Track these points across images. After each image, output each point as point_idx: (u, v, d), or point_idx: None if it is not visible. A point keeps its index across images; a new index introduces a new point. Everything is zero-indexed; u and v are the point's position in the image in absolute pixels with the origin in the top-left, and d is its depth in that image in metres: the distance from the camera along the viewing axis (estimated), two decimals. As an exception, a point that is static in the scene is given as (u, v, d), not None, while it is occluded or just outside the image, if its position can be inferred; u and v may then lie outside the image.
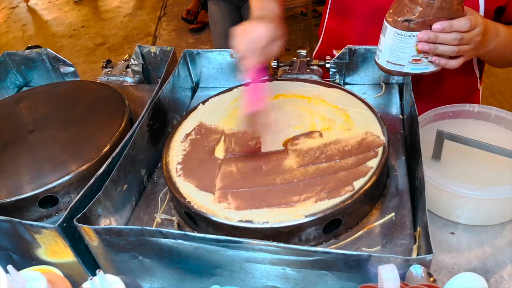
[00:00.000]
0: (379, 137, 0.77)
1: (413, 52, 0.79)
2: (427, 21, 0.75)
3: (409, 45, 0.78)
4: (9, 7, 5.04)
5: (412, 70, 0.81)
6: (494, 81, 2.79)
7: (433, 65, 0.81)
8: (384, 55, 0.82)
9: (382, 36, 0.81)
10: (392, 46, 0.80)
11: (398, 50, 0.79)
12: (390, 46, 0.80)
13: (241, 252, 0.61)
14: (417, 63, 0.80)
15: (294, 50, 3.41)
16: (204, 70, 1.09)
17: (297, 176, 0.72)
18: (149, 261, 0.67)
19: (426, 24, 0.76)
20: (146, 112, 0.85)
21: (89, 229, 0.64)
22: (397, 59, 0.80)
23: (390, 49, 0.80)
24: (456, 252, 0.76)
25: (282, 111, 0.87)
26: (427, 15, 0.75)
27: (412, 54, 0.79)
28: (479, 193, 0.75)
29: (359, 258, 0.56)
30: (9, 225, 0.67)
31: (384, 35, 0.81)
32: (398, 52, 0.79)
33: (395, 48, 0.80)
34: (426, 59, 0.79)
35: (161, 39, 3.98)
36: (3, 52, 1.16)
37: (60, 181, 0.78)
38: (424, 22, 0.76)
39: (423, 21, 0.75)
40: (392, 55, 0.81)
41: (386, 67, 0.83)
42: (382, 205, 0.74)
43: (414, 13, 0.76)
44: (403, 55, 0.79)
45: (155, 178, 0.86)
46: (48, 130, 0.92)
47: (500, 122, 0.92)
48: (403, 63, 0.80)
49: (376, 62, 0.86)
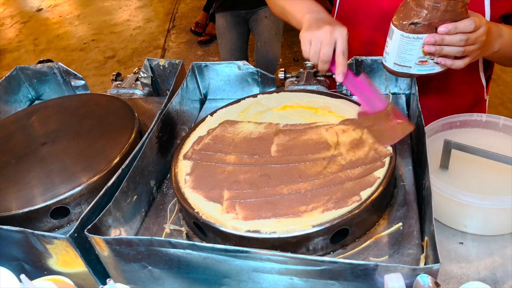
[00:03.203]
0: (386, 147, 0.77)
1: (420, 54, 0.80)
2: (433, 23, 0.77)
3: (416, 47, 0.80)
4: (20, 21, 5.13)
5: (418, 71, 0.83)
6: (504, 90, 2.77)
7: (439, 66, 0.82)
8: (391, 57, 0.84)
9: (389, 39, 0.83)
10: (399, 49, 0.81)
11: (405, 52, 0.81)
12: (397, 48, 0.82)
13: (249, 262, 0.61)
14: (423, 64, 0.82)
15: (302, 61, 3.43)
16: (212, 82, 1.10)
17: (305, 186, 0.73)
18: (158, 271, 0.68)
19: (432, 27, 0.77)
20: (155, 124, 0.86)
21: (99, 239, 0.65)
22: (404, 61, 0.82)
23: (397, 51, 0.82)
24: (465, 262, 0.76)
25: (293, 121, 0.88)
26: (433, 18, 0.77)
27: (418, 56, 0.81)
28: (487, 203, 0.75)
29: (366, 267, 0.56)
30: (21, 235, 0.68)
31: (391, 38, 0.82)
32: (405, 54, 0.81)
33: (402, 50, 0.81)
34: (432, 61, 0.81)
35: (170, 51, 4.03)
36: (16, 67, 1.19)
37: (71, 192, 0.80)
38: (430, 25, 0.77)
39: (429, 24, 0.77)
40: (399, 57, 0.82)
41: (393, 69, 0.85)
42: (390, 215, 0.74)
43: (420, 16, 0.77)
44: (410, 57, 0.81)
45: (164, 189, 0.87)
46: (59, 142, 0.94)
47: (509, 131, 0.91)
48: (409, 64, 0.82)
49: (383, 65, 0.87)
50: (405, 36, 0.80)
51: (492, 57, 0.97)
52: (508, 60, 0.99)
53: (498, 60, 1.01)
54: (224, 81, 1.10)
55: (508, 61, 1.00)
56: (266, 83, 1.07)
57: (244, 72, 1.07)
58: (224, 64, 1.07)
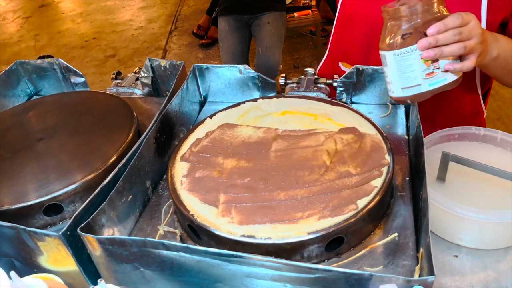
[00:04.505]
0: (384, 157, 0.77)
1: (423, 66, 0.75)
2: (419, 29, 0.74)
3: (415, 61, 0.75)
4: (22, 16, 5.13)
5: (430, 86, 0.77)
6: (502, 105, 2.79)
7: (450, 75, 0.76)
8: (396, 84, 0.78)
9: (385, 68, 0.79)
10: (399, 70, 0.76)
11: (407, 71, 0.76)
12: (397, 71, 0.77)
13: (242, 267, 0.61)
14: (432, 76, 0.76)
15: (302, 68, 3.44)
16: (213, 85, 1.10)
17: (301, 193, 0.72)
18: (150, 273, 0.67)
19: (420, 33, 0.74)
20: (153, 124, 0.86)
21: (92, 238, 0.64)
22: (410, 80, 0.76)
23: (398, 74, 0.77)
24: (459, 275, 0.76)
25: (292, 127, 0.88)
26: (416, 23, 0.74)
27: (422, 69, 0.75)
28: (483, 217, 0.75)
29: (361, 277, 0.56)
30: (13, 231, 0.68)
31: (386, 65, 0.78)
32: (408, 73, 0.76)
33: (402, 71, 0.76)
34: (439, 70, 0.76)
35: (171, 53, 4.03)
36: (16, 61, 1.18)
37: (65, 189, 0.79)
38: (417, 32, 0.74)
39: (415, 31, 0.74)
40: (404, 79, 0.77)
41: (404, 95, 0.78)
42: (386, 225, 0.74)
43: (403, 26, 0.74)
44: (415, 74, 0.76)
45: (160, 190, 0.87)
46: (56, 139, 0.93)
47: (506, 146, 0.92)
48: (418, 82, 0.76)
49: (392, 98, 0.81)
50: (398, 54, 0.75)
51: (494, 67, 0.93)
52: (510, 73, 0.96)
53: (501, 72, 0.96)
54: (224, 84, 1.10)
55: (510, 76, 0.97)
56: (266, 88, 1.07)
57: (245, 76, 1.06)
58: (225, 67, 1.07)
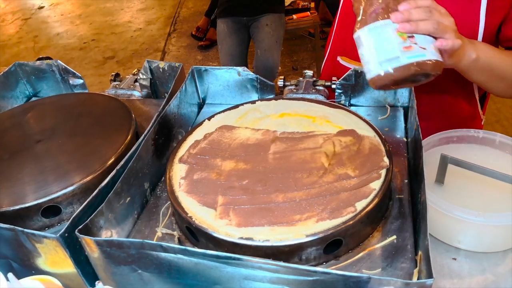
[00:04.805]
0: (383, 159, 0.77)
1: (399, 39, 0.73)
2: (390, 6, 0.74)
3: (391, 33, 0.73)
4: (22, 18, 5.13)
5: (409, 58, 0.72)
6: (501, 107, 2.79)
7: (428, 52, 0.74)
8: (373, 60, 0.75)
9: (361, 49, 0.77)
10: (376, 44, 0.74)
11: (383, 44, 0.74)
12: (374, 45, 0.74)
13: (240, 269, 0.61)
14: (410, 50, 0.73)
15: (301, 70, 3.44)
16: (211, 86, 1.10)
17: (300, 195, 0.72)
18: (148, 275, 0.67)
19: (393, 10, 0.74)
20: (152, 126, 0.86)
21: (90, 240, 0.64)
22: (388, 52, 0.73)
23: (375, 49, 0.74)
24: (457, 278, 0.76)
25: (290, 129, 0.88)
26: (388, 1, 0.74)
27: (399, 42, 0.73)
28: (482, 219, 0.75)
29: (359, 280, 0.56)
30: (11, 233, 0.67)
31: (362, 45, 0.76)
32: (385, 45, 0.74)
33: (379, 44, 0.74)
34: (416, 45, 0.73)
35: (169, 54, 4.03)
36: (15, 62, 1.18)
37: (63, 191, 0.79)
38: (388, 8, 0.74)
39: (387, 7, 0.74)
40: (381, 52, 0.74)
41: (382, 69, 0.74)
42: (384, 228, 0.73)
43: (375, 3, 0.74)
44: (392, 45, 0.73)
45: (158, 192, 0.86)
46: (54, 140, 0.93)
47: (505, 149, 0.92)
48: (396, 54, 0.73)
49: (371, 80, 0.77)
50: (372, 28, 0.74)
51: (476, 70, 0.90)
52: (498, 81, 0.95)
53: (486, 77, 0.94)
54: (223, 86, 1.09)
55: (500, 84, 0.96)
56: (265, 90, 1.07)
57: (244, 78, 1.06)
58: (224, 69, 1.07)
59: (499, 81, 0.95)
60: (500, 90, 0.99)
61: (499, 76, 0.93)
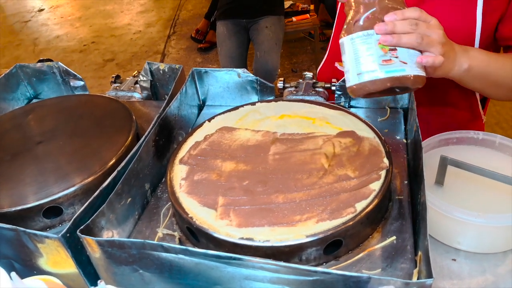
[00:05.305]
0: (382, 161, 0.78)
1: (380, 52, 0.72)
2: (376, 16, 0.73)
3: (372, 45, 0.72)
4: (21, 21, 5.14)
5: (387, 73, 0.72)
6: (500, 110, 2.80)
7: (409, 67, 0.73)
8: (352, 71, 0.74)
9: (343, 56, 0.76)
10: (356, 55, 0.73)
11: (363, 55, 0.73)
12: (354, 56, 0.74)
13: (241, 269, 0.61)
14: (389, 64, 0.72)
15: (300, 72, 3.45)
16: (211, 88, 1.11)
17: (300, 196, 0.73)
18: (149, 275, 0.67)
19: (378, 20, 0.73)
20: (152, 127, 0.86)
21: (91, 240, 0.65)
22: (366, 65, 0.73)
23: (355, 59, 0.74)
24: (457, 279, 0.76)
25: (289, 130, 0.88)
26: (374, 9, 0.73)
27: (379, 55, 0.72)
28: (481, 220, 0.75)
29: (359, 279, 0.56)
30: (13, 233, 0.68)
31: (344, 53, 0.76)
32: (364, 57, 0.73)
33: (359, 55, 0.73)
34: (397, 59, 0.72)
35: (169, 57, 4.04)
36: (15, 64, 1.18)
37: (65, 192, 0.79)
38: (374, 18, 0.73)
39: (373, 17, 0.73)
40: (360, 64, 0.73)
41: (359, 81, 0.74)
42: (384, 228, 0.74)
43: (360, 11, 0.73)
44: (370, 58, 0.72)
45: (159, 193, 0.87)
46: (55, 142, 0.94)
47: (504, 150, 0.92)
48: (374, 67, 0.72)
49: (349, 89, 0.77)
50: (354, 38, 0.73)
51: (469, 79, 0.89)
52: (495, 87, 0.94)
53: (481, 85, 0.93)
54: (223, 88, 1.10)
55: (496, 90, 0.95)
56: (265, 92, 1.07)
57: (244, 80, 1.07)
58: (224, 71, 1.07)
59: (496, 88, 0.95)
60: (498, 95, 0.99)
61: (495, 83, 0.93)
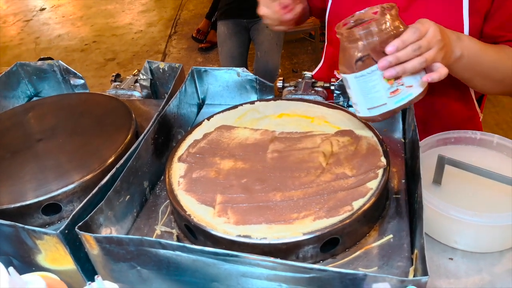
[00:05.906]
0: (380, 159, 0.78)
1: (386, 86, 0.74)
2: (377, 49, 0.72)
3: (378, 81, 0.74)
4: (23, 19, 5.15)
5: (396, 103, 0.76)
6: (500, 111, 2.80)
7: (415, 89, 0.75)
8: (361, 105, 0.78)
9: (348, 90, 0.78)
10: (363, 92, 0.75)
11: (370, 92, 0.75)
12: (361, 93, 0.76)
13: (238, 266, 0.61)
14: (397, 94, 0.74)
15: (301, 73, 3.45)
16: (211, 87, 1.11)
17: (297, 194, 0.73)
18: (147, 272, 0.67)
19: (379, 52, 0.72)
20: (152, 125, 0.87)
21: (90, 237, 0.65)
22: (375, 100, 0.76)
23: (362, 96, 0.76)
24: (454, 278, 0.76)
25: (288, 129, 0.88)
26: (373, 44, 0.72)
27: (386, 88, 0.74)
28: (478, 220, 0.75)
29: (355, 277, 0.56)
30: (12, 230, 0.68)
31: (349, 87, 0.78)
32: (372, 93, 0.75)
33: (366, 92, 0.75)
34: (403, 86, 0.74)
35: (170, 56, 4.04)
36: (16, 62, 1.19)
37: (64, 189, 0.80)
38: (375, 52, 0.72)
39: (373, 52, 0.72)
40: (368, 99, 0.76)
41: (371, 115, 0.78)
42: (381, 227, 0.74)
43: (360, 49, 0.73)
44: (379, 94, 0.75)
45: (157, 191, 0.87)
46: (55, 139, 0.94)
47: (502, 150, 0.92)
48: (383, 101, 0.75)
49: (360, 118, 0.82)
50: (359, 77, 0.74)
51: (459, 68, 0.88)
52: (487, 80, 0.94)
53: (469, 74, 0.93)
54: (222, 87, 1.10)
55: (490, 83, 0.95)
56: (264, 91, 1.08)
57: (243, 79, 1.07)
58: (224, 70, 1.07)
59: (483, 79, 0.95)
60: (485, 88, 1.00)
61: (482, 74, 0.93)
